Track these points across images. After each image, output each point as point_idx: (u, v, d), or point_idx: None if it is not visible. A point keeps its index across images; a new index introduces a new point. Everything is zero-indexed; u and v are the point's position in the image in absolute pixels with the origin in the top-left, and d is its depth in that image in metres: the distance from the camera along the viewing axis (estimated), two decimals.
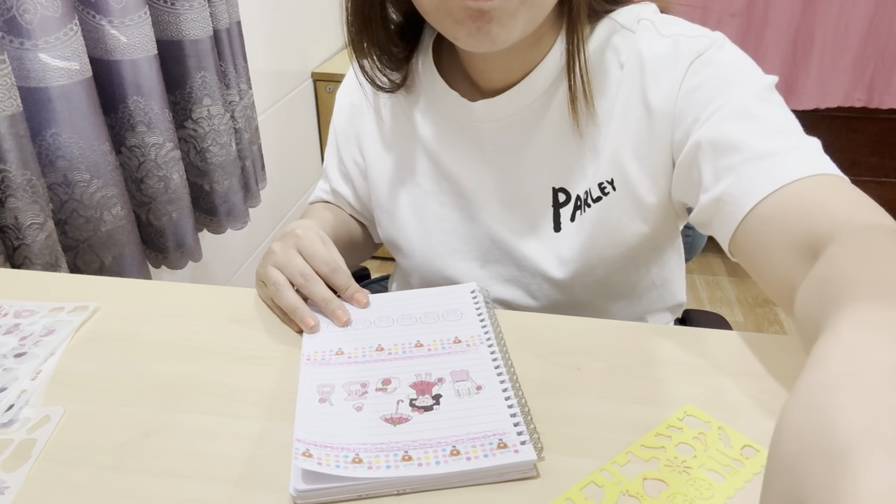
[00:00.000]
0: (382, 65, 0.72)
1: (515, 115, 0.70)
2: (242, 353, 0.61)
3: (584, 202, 0.70)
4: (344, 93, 0.82)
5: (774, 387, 0.55)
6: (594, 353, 0.59)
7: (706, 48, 0.64)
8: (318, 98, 2.05)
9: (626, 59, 0.66)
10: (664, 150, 0.66)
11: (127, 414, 0.54)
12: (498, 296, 0.76)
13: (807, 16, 1.89)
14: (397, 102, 0.76)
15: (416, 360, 0.58)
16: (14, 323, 0.64)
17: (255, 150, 1.42)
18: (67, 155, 0.96)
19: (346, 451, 0.48)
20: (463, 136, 0.72)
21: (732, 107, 0.60)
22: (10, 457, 0.50)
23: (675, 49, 0.65)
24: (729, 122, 0.60)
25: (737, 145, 0.59)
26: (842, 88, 1.96)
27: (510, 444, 0.48)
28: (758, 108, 0.60)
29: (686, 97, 0.64)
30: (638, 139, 0.67)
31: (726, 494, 0.46)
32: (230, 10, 1.27)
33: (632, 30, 0.67)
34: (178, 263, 1.21)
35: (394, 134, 0.77)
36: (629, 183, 0.68)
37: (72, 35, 0.91)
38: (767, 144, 0.58)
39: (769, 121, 0.60)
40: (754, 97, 0.61)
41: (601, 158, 0.68)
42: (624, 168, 0.68)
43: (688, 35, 0.65)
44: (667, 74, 0.64)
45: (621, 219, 0.70)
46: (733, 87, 0.62)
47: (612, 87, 0.67)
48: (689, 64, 0.64)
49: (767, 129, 0.59)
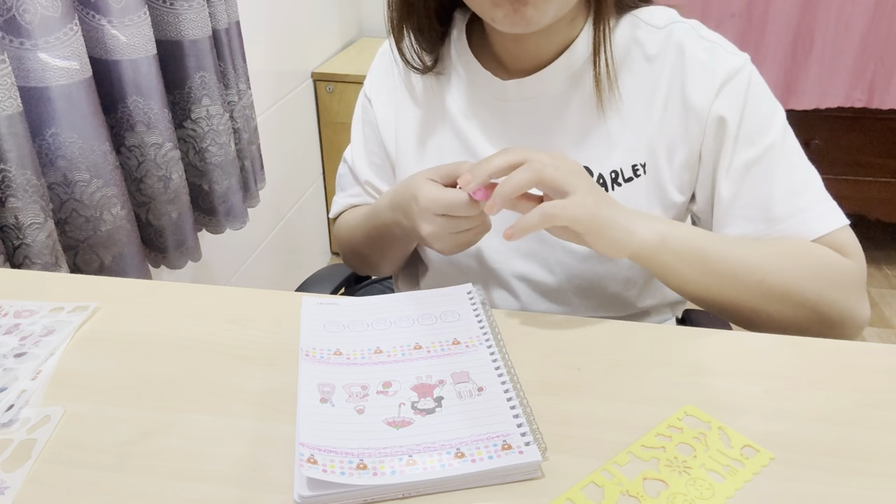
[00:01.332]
0: (420, 47, 0.76)
1: (544, 94, 0.73)
2: (242, 353, 0.61)
3: (613, 181, 0.73)
4: (377, 83, 0.84)
5: (774, 387, 0.55)
6: (594, 353, 0.59)
7: (739, 69, 0.69)
8: (317, 98, 2.04)
9: (658, 52, 0.71)
10: (692, 147, 0.71)
11: (127, 414, 0.54)
12: (516, 270, 0.78)
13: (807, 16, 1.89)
14: (428, 83, 0.79)
15: (416, 362, 0.58)
16: (14, 323, 0.64)
17: (254, 151, 1.42)
18: (67, 155, 0.96)
19: (350, 456, 0.48)
20: (491, 113, 0.76)
21: (755, 155, 0.69)
22: (10, 457, 0.50)
23: (712, 57, 0.70)
24: (754, 176, 0.69)
25: (757, 201, 0.69)
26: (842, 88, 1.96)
27: (514, 445, 0.48)
28: (777, 157, 0.69)
29: (717, 118, 0.69)
30: (672, 131, 0.71)
31: (726, 494, 0.46)
32: (229, 11, 1.27)
33: (657, 26, 0.71)
34: (178, 263, 1.21)
35: (425, 112, 0.80)
36: (659, 172, 0.73)
37: (72, 35, 0.91)
38: (781, 210, 0.69)
39: (787, 175, 0.69)
40: (772, 145, 0.69)
41: (631, 141, 0.72)
42: (657, 157, 0.72)
43: (724, 48, 0.71)
44: (705, 81, 0.69)
45: (644, 204, 0.73)
46: (757, 127, 0.69)
47: (639, 75, 0.72)
48: (725, 81, 0.69)
49: (786, 188, 0.69)
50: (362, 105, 0.85)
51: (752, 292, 0.65)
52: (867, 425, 0.52)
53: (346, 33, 2.25)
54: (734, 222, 0.70)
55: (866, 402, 0.54)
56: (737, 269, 0.65)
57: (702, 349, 0.60)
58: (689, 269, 0.64)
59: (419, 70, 0.77)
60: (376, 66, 0.84)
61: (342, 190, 0.90)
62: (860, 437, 0.50)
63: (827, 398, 0.54)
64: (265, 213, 1.73)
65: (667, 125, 0.71)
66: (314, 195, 2.12)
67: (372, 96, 0.83)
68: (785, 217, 0.68)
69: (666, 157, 0.72)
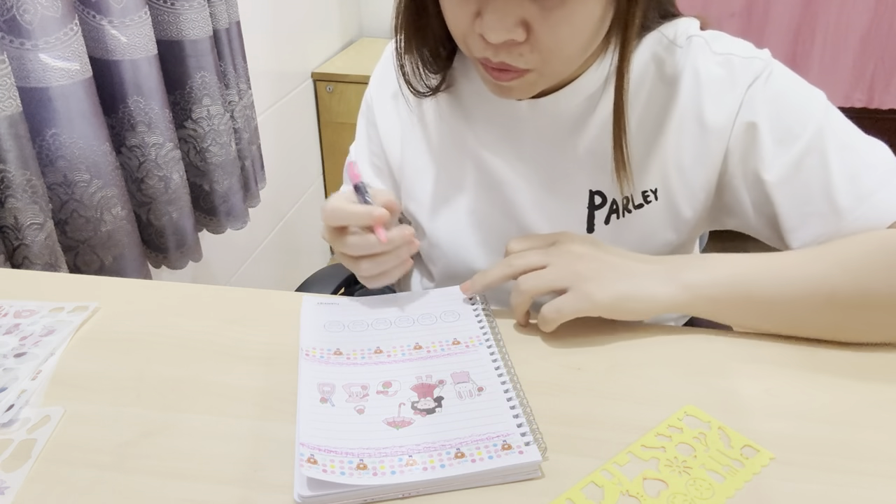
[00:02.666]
0: (426, 69, 0.71)
1: (558, 115, 0.70)
2: (242, 353, 0.61)
3: (623, 207, 0.71)
4: (382, 81, 0.81)
5: (774, 387, 0.55)
6: (594, 353, 0.59)
7: (760, 71, 0.65)
8: (317, 98, 2.05)
9: (675, 73, 0.67)
10: (712, 168, 0.68)
11: (127, 414, 0.54)
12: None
13: (807, 16, 1.89)
14: (436, 98, 0.76)
15: (416, 362, 0.58)
16: (14, 323, 0.64)
17: (255, 150, 1.42)
18: (67, 155, 0.96)
19: (350, 456, 0.48)
20: (504, 132, 0.73)
21: (803, 146, 0.63)
22: (10, 457, 0.50)
23: (729, 70, 0.66)
24: (807, 170, 0.63)
25: (818, 195, 0.63)
26: (842, 89, 1.96)
27: (514, 445, 0.48)
28: (825, 143, 0.63)
29: (744, 127, 0.65)
30: (686, 153, 0.68)
31: (726, 494, 0.46)
32: (230, 11, 1.27)
33: (678, 44, 0.68)
34: (179, 263, 1.21)
35: (432, 127, 0.77)
36: (671, 194, 0.70)
37: (72, 35, 0.92)
38: (846, 199, 0.62)
39: (842, 158, 0.62)
40: (817, 132, 0.63)
41: (643, 165, 0.69)
42: (668, 180, 0.69)
43: (740, 55, 0.66)
44: (724, 96, 0.66)
45: (656, 228, 0.71)
46: (795, 119, 0.64)
47: (652, 96, 0.68)
48: (747, 88, 0.65)
49: (845, 173, 0.62)
50: (367, 105, 0.83)
51: (822, 312, 0.58)
52: (867, 425, 0.52)
53: (346, 33, 2.25)
54: (805, 225, 0.63)
55: (866, 402, 0.54)
56: (795, 293, 0.58)
57: (702, 349, 0.60)
58: (736, 310, 0.59)
59: (425, 94, 0.73)
60: (381, 69, 0.81)
61: (347, 184, 0.89)
62: (860, 437, 0.50)
63: (827, 398, 0.54)
64: (265, 213, 1.73)
65: (682, 148, 0.68)
66: (314, 195, 2.12)
67: (375, 102, 0.81)
68: (853, 205, 0.61)
69: (680, 179, 0.69)
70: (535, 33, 0.56)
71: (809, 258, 0.60)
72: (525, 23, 0.56)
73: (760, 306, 0.59)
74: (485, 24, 0.56)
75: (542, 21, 0.55)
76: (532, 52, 0.58)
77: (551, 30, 0.56)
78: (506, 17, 0.55)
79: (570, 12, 0.55)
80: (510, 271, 0.62)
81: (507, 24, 0.55)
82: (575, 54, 0.60)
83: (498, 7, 0.55)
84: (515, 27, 0.56)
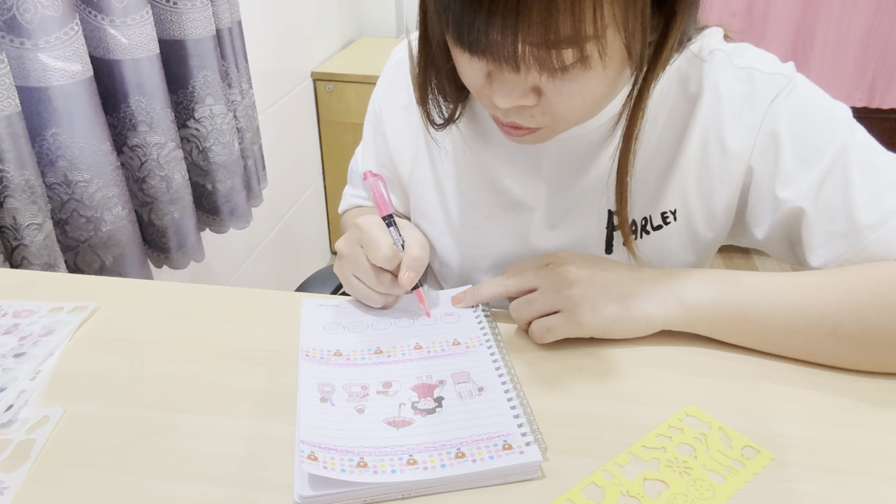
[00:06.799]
0: (444, 98, 0.67)
1: (582, 139, 0.68)
2: (242, 353, 0.61)
3: (641, 228, 0.70)
4: (391, 92, 0.78)
5: (774, 387, 0.55)
6: (594, 353, 0.59)
7: (781, 87, 0.63)
8: (317, 97, 2.05)
9: (697, 90, 0.66)
10: (732, 190, 0.66)
11: (127, 414, 0.54)
12: None
13: (807, 15, 1.89)
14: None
15: (416, 362, 0.58)
16: (13, 323, 0.64)
17: (257, 150, 1.42)
18: (68, 155, 0.96)
19: (351, 454, 0.48)
20: (523, 155, 0.71)
21: (826, 165, 0.61)
22: (10, 457, 0.50)
23: (750, 87, 0.64)
24: (829, 188, 0.61)
25: (840, 213, 0.61)
26: (842, 88, 1.96)
27: (515, 445, 0.48)
28: (849, 161, 0.61)
29: (765, 146, 0.64)
30: (707, 174, 0.67)
31: (727, 495, 0.46)
32: (231, 10, 1.27)
33: (703, 58, 0.66)
34: (180, 263, 1.21)
35: (448, 144, 0.75)
36: (690, 216, 0.69)
37: (72, 35, 0.91)
38: (868, 217, 0.60)
39: (865, 176, 0.61)
40: (840, 150, 0.61)
41: (661, 185, 0.68)
42: (688, 201, 0.68)
43: (763, 71, 0.64)
44: (744, 116, 0.64)
45: (675, 249, 0.70)
46: (818, 136, 0.62)
47: (674, 112, 0.66)
48: (768, 105, 0.63)
49: (868, 191, 0.60)
50: (374, 113, 0.80)
51: (822, 343, 0.57)
52: (867, 425, 0.51)
53: (346, 33, 2.25)
54: (826, 244, 0.62)
55: (866, 402, 0.54)
56: (796, 322, 0.57)
57: (702, 349, 0.60)
58: (734, 333, 0.59)
59: (441, 126, 0.68)
60: (390, 78, 0.78)
61: (351, 186, 0.88)
62: (860, 437, 0.50)
63: (827, 398, 0.54)
64: (265, 213, 1.73)
65: (702, 168, 0.66)
66: (314, 195, 2.12)
67: (385, 112, 0.78)
68: (874, 224, 0.59)
69: (700, 200, 0.68)
70: (547, 98, 0.54)
71: (816, 285, 0.58)
72: (536, 88, 0.54)
73: (760, 334, 0.58)
74: (494, 90, 0.54)
75: (553, 88, 0.53)
76: (543, 115, 0.56)
77: (562, 97, 0.54)
78: (515, 87, 0.53)
79: (582, 85, 0.52)
80: (501, 290, 0.63)
81: (516, 93, 0.54)
82: (588, 115, 0.58)
83: (507, 77, 0.53)
84: (524, 95, 0.54)
